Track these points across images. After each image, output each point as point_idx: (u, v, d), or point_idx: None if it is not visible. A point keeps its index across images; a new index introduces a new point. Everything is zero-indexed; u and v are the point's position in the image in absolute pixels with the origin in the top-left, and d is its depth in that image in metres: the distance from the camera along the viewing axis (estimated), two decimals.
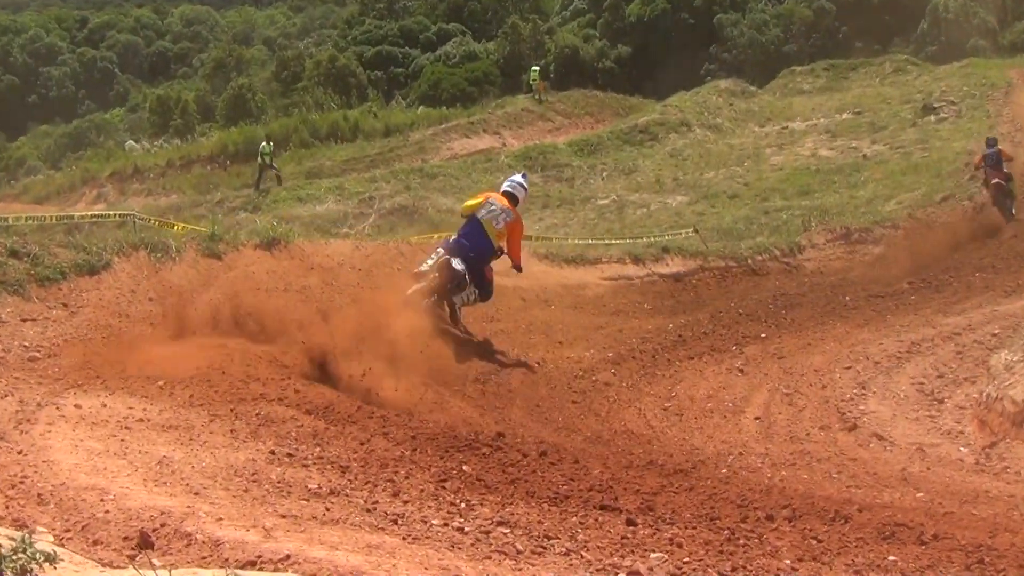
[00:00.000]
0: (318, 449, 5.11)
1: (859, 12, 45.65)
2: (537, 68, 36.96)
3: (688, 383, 9.08)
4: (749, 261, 15.27)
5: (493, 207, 9.27)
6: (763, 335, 10.80)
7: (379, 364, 7.05)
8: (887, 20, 45.73)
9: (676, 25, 47.32)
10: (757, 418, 8.03)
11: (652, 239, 16.00)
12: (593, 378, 9.15)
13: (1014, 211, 16.38)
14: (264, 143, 26.21)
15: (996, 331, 9.50)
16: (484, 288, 9.15)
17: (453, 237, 9.22)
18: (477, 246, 9.04)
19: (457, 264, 8.78)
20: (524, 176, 9.88)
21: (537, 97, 34.34)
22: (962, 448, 6.91)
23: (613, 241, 15.66)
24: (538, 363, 9.36)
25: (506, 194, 9.50)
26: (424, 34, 47.74)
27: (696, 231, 17.03)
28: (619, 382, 9.05)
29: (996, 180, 16.71)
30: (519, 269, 9.73)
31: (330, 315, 7.81)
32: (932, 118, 26.15)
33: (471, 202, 9.45)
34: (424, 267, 8.81)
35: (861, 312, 11.59)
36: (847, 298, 12.50)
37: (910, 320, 10.70)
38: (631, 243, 15.32)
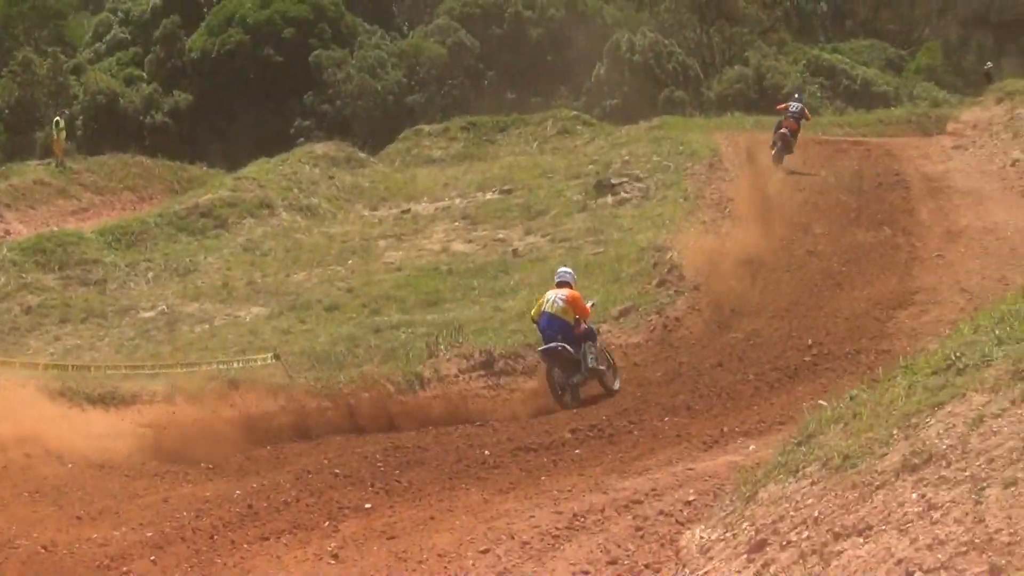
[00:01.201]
0: None
1: (512, 51, 50.67)
2: (60, 120, 37.84)
3: None
4: (351, 399, 15.88)
5: (550, 297, 17.23)
6: (368, 505, 11.26)
7: None
8: (550, 63, 51.06)
9: (257, 64, 49.29)
10: None
11: (216, 367, 16.46)
12: (124, 570, 9.45)
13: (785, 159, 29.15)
14: None
15: (690, 498, 10.45)
16: (590, 336, 16.95)
17: (541, 333, 16.99)
18: (557, 330, 16.77)
19: (550, 346, 16.59)
20: (566, 268, 18.85)
21: (57, 164, 35.29)
22: None
23: (160, 370, 16.16)
24: (44, 548, 9.70)
25: (560, 284, 17.66)
26: None
27: (278, 357, 17.59)
28: None
29: (785, 129, 28.80)
30: (588, 316, 17.47)
31: None
32: (609, 199, 29.23)
33: (533, 311, 17.52)
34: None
35: (506, 472, 12.34)
36: (486, 452, 13.28)
37: (573, 483, 11.49)
38: (186, 373, 15.87)
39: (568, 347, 16.70)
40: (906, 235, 23.93)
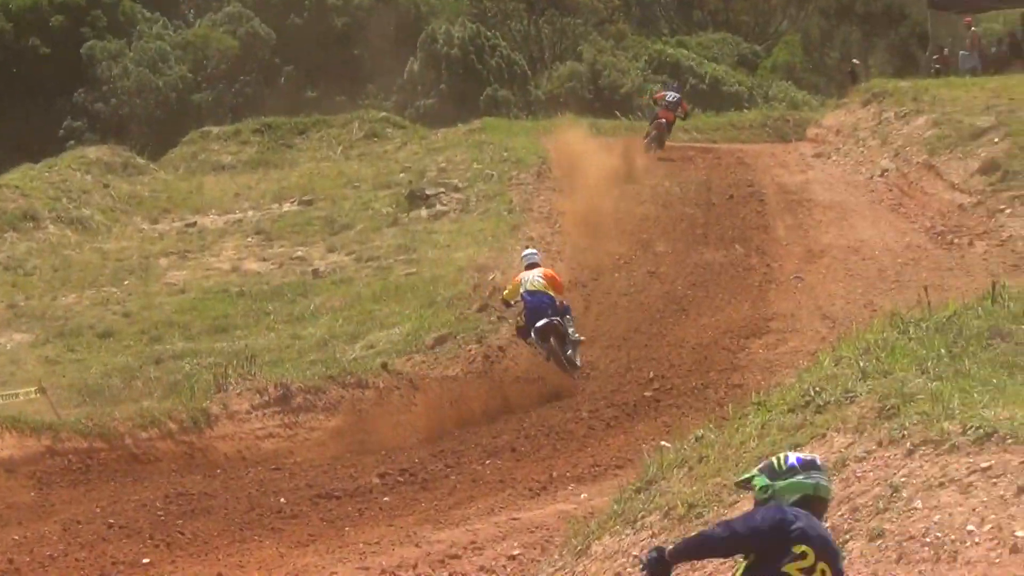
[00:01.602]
0: None
1: (313, 43, 50.46)
2: None
3: None
4: (128, 439, 15.71)
5: (526, 276, 20.23)
6: (146, 560, 11.25)
7: None
8: (357, 57, 50.94)
9: (20, 56, 48.22)
10: None
11: None
12: None
13: None
14: None
15: (514, 552, 10.86)
16: (568, 312, 20.15)
17: (528, 311, 19.83)
18: (546, 303, 19.69)
19: (543, 322, 19.38)
20: (532, 249, 22.12)
21: None
22: None
23: None
24: None
25: (530, 266, 20.64)
26: None
27: (43, 391, 17.33)
28: None
29: (662, 120, 32.77)
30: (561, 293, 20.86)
31: None
32: (424, 212, 29.46)
33: (509, 289, 20.67)
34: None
35: (305, 522, 12.45)
36: (282, 500, 13.35)
37: (381, 534, 11.73)
38: None
39: (561, 320, 19.97)
40: (761, 254, 24.60)
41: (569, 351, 19.58)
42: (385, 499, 13.50)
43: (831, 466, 7.62)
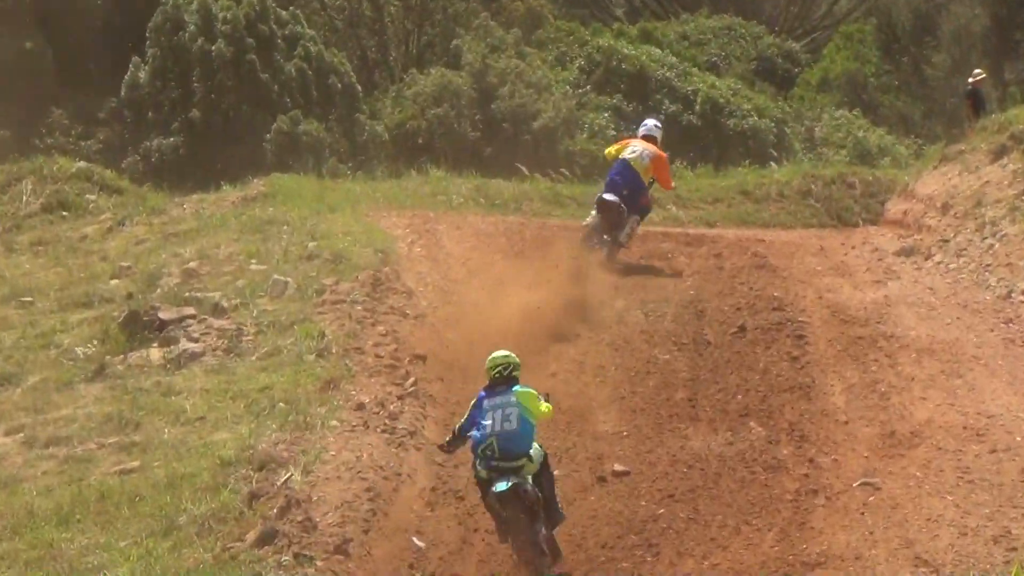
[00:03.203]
0: None
1: None
2: None
3: None
4: None
5: (636, 147, 37.84)
6: None
7: None
8: (34, 58, 54.26)
9: None
10: None
11: None
12: None
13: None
14: None
15: None
16: (644, 210, 38.07)
17: (606, 179, 38.82)
18: (628, 182, 37.35)
19: (610, 197, 37.07)
20: (658, 118, 43.65)
21: None
22: None
23: None
24: None
25: (646, 137, 38.33)
26: None
27: None
28: None
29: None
30: (670, 188, 40.27)
31: None
32: (156, 354, 29.98)
33: (613, 148, 39.25)
34: (588, 219, 38.26)
35: None
36: None
37: None
38: None
39: (624, 209, 34.49)
40: (798, 440, 24.85)
41: (619, 237, 35.63)
42: None
43: None
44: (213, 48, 52.69)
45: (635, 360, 28.24)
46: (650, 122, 37.10)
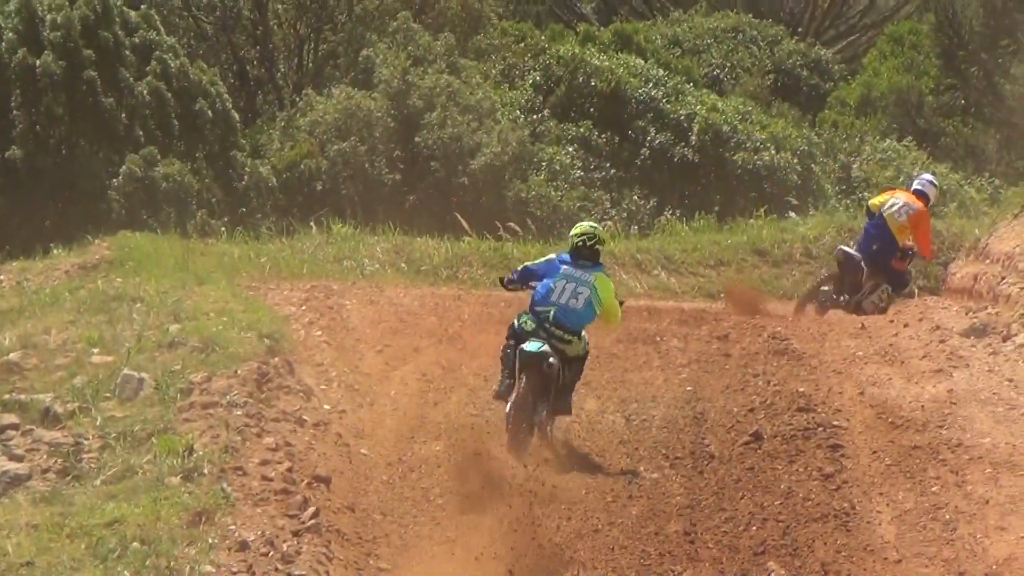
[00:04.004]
0: None
1: None
2: None
3: None
4: None
5: (896, 201, 48.58)
6: None
7: None
8: None
9: None
10: None
11: None
12: None
13: None
14: None
15: None
16: (896, 280, 48.62)
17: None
18: (879, 238, 48.40)
19: (848, 249, 49.75)
20: (934, 175, 54.22)
21: None
22: None
23: None
24: None
25: (916, 192, 49.11)
26: None
27: None
28: None
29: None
30: (927, 258, 51.20)
31: None
32: None
33: (877, 199, 50.38)
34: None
35: None
36: None
37: None
38: None
39: (864, 268, 40.18)
40: None
41: (866, 302, 38.04)
42: None
43: None
44: (38, 62, 53.46)
45: (613, 481, 28.35)
46: (926, 177, 44.91)
